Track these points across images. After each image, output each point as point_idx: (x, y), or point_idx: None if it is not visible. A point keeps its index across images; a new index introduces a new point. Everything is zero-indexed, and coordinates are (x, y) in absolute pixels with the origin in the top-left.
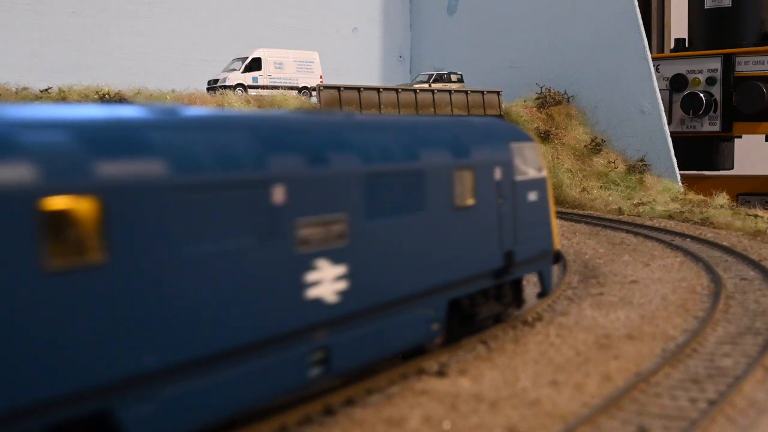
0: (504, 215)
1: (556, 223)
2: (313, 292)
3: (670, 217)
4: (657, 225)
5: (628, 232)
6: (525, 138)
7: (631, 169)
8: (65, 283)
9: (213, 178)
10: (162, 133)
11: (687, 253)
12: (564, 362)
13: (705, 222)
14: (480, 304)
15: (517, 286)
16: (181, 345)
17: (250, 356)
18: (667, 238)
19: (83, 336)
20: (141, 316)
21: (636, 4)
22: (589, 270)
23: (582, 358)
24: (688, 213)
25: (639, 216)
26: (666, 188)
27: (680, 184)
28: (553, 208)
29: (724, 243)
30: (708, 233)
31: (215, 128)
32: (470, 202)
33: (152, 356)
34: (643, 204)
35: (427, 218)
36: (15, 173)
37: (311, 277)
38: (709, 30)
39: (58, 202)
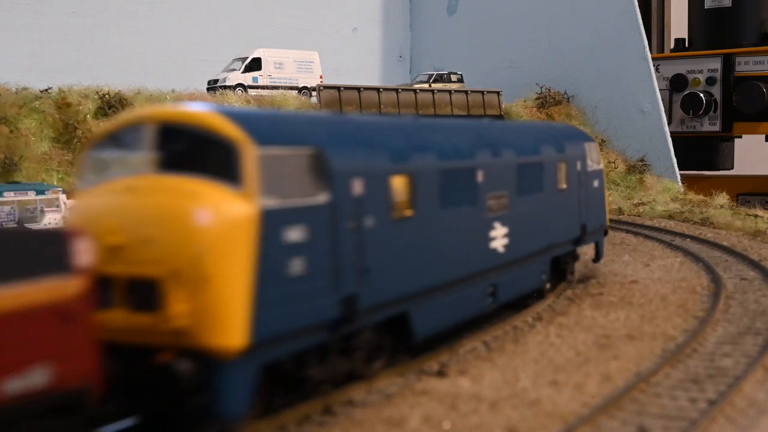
0: (581, 196)
1: (608, 204)
2: (492, 245)
3: (670, 217)
4: (657, 225)
5: (628, 232)
6: (591, 139)
7: (631, 169)
8: (397, 227)
9: (453, 164)
10: (431, 135)
11: (687, 253)
12: (564, 362)
13: (705, 222)
14: (568, 262)
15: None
16: (438, 273)
17: (463, 286)
18: (667, 238)
19: (403, 262)
20: (425, 252)
21: (636, 4)
22: (588, 270)
23: (582, 358)
24: (688, 213)
25: (639, 216)
26: (666, 188)
27: (680, 184)
28: (606, 192)
29: (724, 243)
30: (708, 233)
31: (449, 131)
32: (564, 186)
33: (428, 279)
34: (643, 204)
35: (544, 197)
36: (378, 161)
37: (492, 233)
38: (709, 30)
39: (395, 179)
